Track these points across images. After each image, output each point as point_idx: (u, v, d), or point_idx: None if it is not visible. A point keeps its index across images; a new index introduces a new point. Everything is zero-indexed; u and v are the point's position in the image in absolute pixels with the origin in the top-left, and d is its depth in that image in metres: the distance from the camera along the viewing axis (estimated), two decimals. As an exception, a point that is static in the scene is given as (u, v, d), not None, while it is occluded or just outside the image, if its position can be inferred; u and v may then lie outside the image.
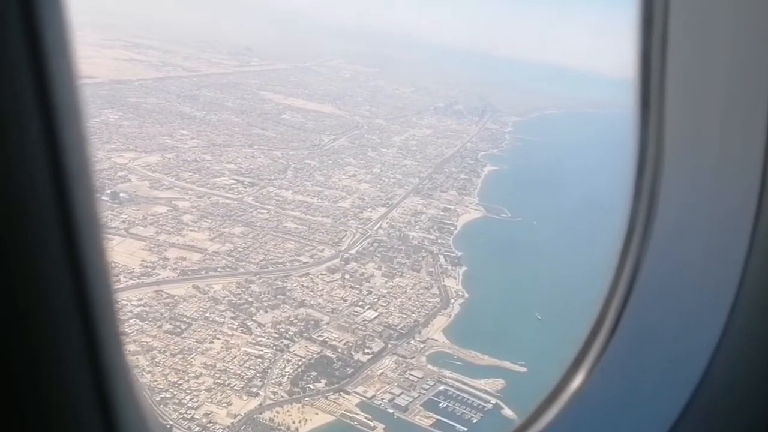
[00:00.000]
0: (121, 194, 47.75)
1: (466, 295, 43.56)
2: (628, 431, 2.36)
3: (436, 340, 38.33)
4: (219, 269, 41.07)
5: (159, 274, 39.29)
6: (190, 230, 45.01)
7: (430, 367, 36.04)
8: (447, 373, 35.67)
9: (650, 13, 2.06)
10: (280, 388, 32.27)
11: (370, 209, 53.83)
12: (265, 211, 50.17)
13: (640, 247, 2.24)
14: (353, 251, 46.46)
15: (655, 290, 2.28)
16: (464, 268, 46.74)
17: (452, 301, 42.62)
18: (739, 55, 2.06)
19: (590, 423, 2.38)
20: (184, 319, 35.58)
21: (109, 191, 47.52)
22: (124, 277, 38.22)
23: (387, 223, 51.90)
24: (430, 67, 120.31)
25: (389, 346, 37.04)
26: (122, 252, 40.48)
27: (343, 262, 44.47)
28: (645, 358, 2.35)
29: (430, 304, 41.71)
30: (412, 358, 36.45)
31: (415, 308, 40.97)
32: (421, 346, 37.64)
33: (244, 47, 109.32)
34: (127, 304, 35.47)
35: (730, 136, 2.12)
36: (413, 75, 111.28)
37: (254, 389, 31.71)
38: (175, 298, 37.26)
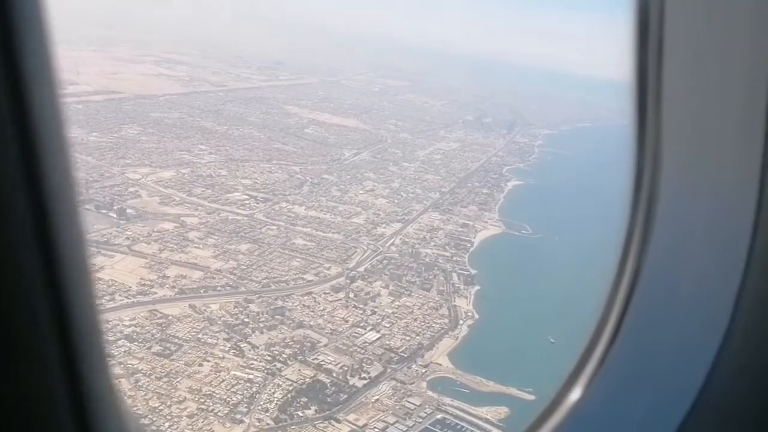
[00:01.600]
0: (129, 210, 46.92)
1: (477, 316, 41.52)
2: None
3: (440, 365, 36.36)
4: (219, 288, 39.75)
5: (156, 293, 38.09)
6: (195, 247, 43.86)
7: (429, 393, 34.05)
8: (447, 400, 33.65)
9: (646, 22, 2.08)
10: (267, 414, 30.62)
11: (384, 225, 52.18)
12: (274, 227, 48.86)
13: (638, 258, 2.24)
14: (361, 269, 44.81)
15: (653, 302, 2.28)
16: (477, 288, 44.72)
17: (461, 322, 40.62)
18: (736, 61, 2.05)
19: None
20: (175, 340, 34.25)
21: (116, 207, 46.79)
22: (120, 295, 37.14)
23: (400, 239, 50.15)
24: (464, 80, 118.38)
25: (388, 370, 35.19)
26: (122, 270, 39.50)
27: (348, 281, 42.83)
28: (643, 371, 2.33)
29: (437, 326, 39.77)
30: (411, 383, 34.52)
31: (420, 330, 39.05)
32: (423, 370, 35.70)
33: (275, 61, 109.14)
34: (117, 324, 34.33)
35: (728, 144, 2.12)
36: (445, 88, 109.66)
37: (239, 416, 30.12)
38: (169, 318, 35.99)
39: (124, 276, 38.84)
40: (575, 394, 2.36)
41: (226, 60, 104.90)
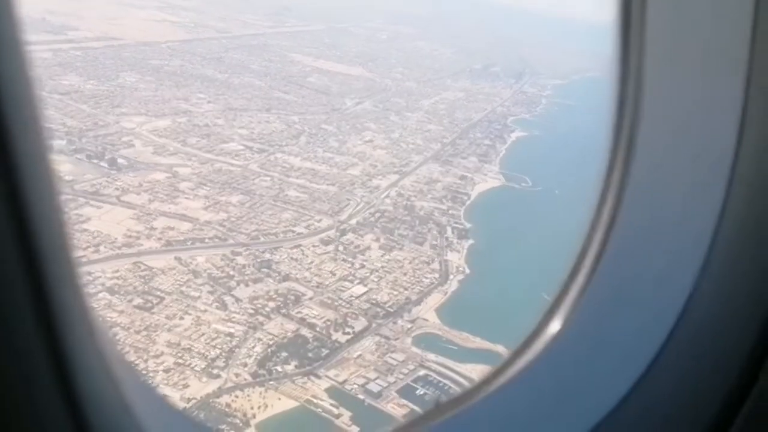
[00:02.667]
0: (120, 160, 46.31)
1: (468, 271, 40.82)
2: (606, 372, 2.34)
3: (426, 320, 35.86)
4: (206, 240, 39.30)
5: (142, 245, 37.69)
6: (186, 198, 43.30)
7: (414, 349, 33.62)
8: (431, 356, 33.20)
9: None
10: (245, 369, 30.37)
11: (380, 177, 51.29)
12: (268, 178, 48.13)
13: (619, 185, 2.23)
14: (353, 222, 44.11)
15: (633, 231, 2.29)
16: (470, 242, 43.92)
17: (451, 277, 40.00)
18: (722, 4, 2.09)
19: (567, 365, 2.36)
20: (158, 293, 33.92)
21: (107, 157, 46.20)
22: (105, 247, 36.82)
23: (396, 192, 49.29)
24: (476, 27, 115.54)
25: (373, 325, 34.76)
26: (109, 221, 39.10)
27: (338, 234, 42.18)
28: (622, 301, 2.34)
29: (427, 281, 39.18)
30: (395, 339, 34.10)
31: (409, 284, 38.48)
32: (409, 326, 35.24)
33: (283, 7, 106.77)
34: (100, 277, 34.02)
35: (711, 72, 2.12)
36: (456, 36, 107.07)
37: (216, 370, 29.90)
38: (154, 270, 35.63)
39: (110, 227, 38.44)
40: (554, 326, 2.34)
41: (232, 6, 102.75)
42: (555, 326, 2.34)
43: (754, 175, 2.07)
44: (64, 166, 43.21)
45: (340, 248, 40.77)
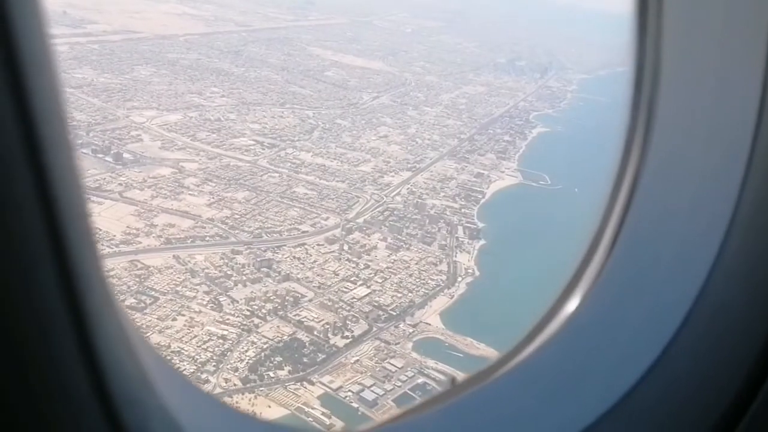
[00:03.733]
0: (126, 155, 45.48)
1: (477, 273, 39.28)
2: (620, 356, 2.31)
3: (429, 325, 34.46)
4: (207, 238, 38.26)
5: (140, 242, 36.74)
6: (190, 194, 42.32)
7: (414, 355, 32.23)
8: (432, 363, 31.79)
9: None
10: (236, 374, 29.22)
11: (392, 174, 49.87)
12: (276, 174, 46.98)
13: (636, 166, 2.25)
14: (360, 220, 42.77)
15: (651, 211, 2.30)
16: (482, 242, 42.34)
17: (459, 279, 38.51)
18: None
19: (581, 348, 2.36)
20: (152, 293, 32.93)
21: (113, 152, 45.40)
22: (102, 244, 35.80)
23: (407, 189, 47.82)
24: (504, 20, 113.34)
25: (374, 329, 33.43)
26: (109, 217, 38.20)
27: (344, 232, 40.87)
28: (639, 281, 2.33)
29: (433, 283, 37.74)
30: (396, 344, 32.74)
31: (414, 286, 37.08)
32: (411, 330, 33.85)
33: (306, 1, 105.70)
34: (94, 275, 33.03)
35: (728, 62, 2.11)
36: (482, 30, 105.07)
37: (205, 375, 28.77)
38: (150, 269, 34.66)
39: (110, 224, 37.52)
40: (571, 305, 2.34)
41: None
42: (570, 307, 2.34)
43: None
44: (68, 160, 42.53)
45: (345, 247, 39.49)
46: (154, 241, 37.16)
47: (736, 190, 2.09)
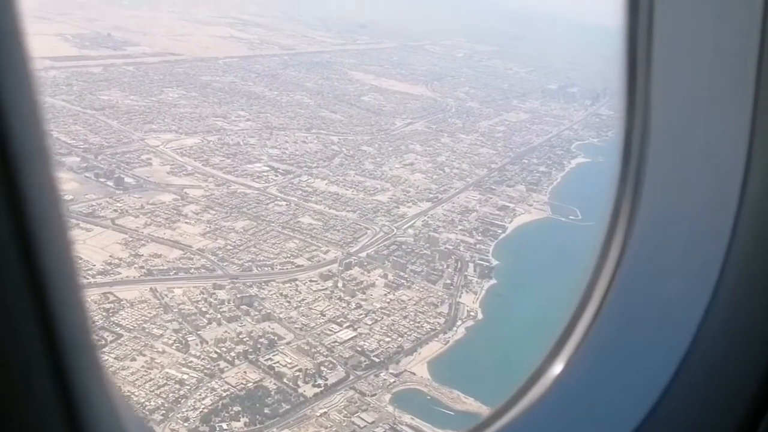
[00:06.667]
0: (128, 180, 43.91)
1: (480, 316, 35.78)
2: (610, 413, 2.32)
3: (414, 374, 31.13)
4: (192, 270, 35.95)
5: (119, 273, 34.73)
6: (186, 223, 40.28)
7: (389, 409, 28.92)
8: (407, 418, 28.42)
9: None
10: (185, 425, 26.55)
11: (410, 204, 46.85)
12: (284, 203, 44.58)
13: (625, 227, 2.27)
14: (363, 254, 39.83)
15: (639, 273, 2.30)
16: (492, 282, 38.78)
17: (459, 323, 35.09)
18: (726, 33, 2.08)
19: (569, 408, 2.35)
20: (117, 329, 30.71)
21: (115, 176, 43.88)
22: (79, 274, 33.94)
23: (422, 221, 44.66)
24: (563, 46, 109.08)
25: (351, 377, 30.33)
26: (93, 245, 36.42)
27: (342, 268, 37.97)
28: (628, 340, 2.34)
29: (428, 326, 34.44)
30: (372, 395, 29.51)
31: (406, 330, 33.86)
32: (392, 380, 30.58)
33: (358, 25, 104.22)
34: (60, 308, 31.09)
35: (716, 119, 2.14)
36: (538, 54, 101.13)
37: (150, 423, 26.17)
38: (122, 302, 32.53)
39: (92, 252, 35.71)
40: (557, 367, 2.33)
41: (307, 23, 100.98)
42: (557, 367, 2.31)
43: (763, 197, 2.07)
44: (69, 184, 41.25)
45: (340, 284, 36.58)
46: (135, 272, 35.10)
47: (721, 255, 2.09)
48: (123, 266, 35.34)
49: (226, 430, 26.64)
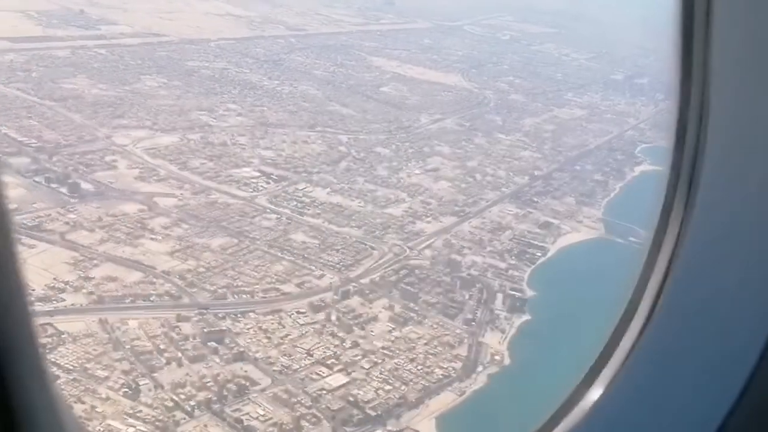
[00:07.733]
0: (85, 186, 43.53)
1: (507, 362, 34.59)
2: None
3: (416, 432, 30.03)
4: (153, 298, 35.37)
5: (63, 300, 34.19)
6: (151, 239, 39.77)
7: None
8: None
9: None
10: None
11: (428, 219, 45.93)
12: (274, 216, 43.91)
13: (672, 248, 2.39)
14: (365, 280, 38.87)
15: (686, 301, 2.37)
16: (525, 318, 37.60)
17: (480, 369, 33.98)
18: None
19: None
20: (53, 369, 29.98)
21: (70, 182, 43.51)
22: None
23: (443, 241, 43.61)
24: (628, 27, 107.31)
25: (336, 436, 29.31)
26: (36, 265, 35.98)
27: (338, 297, 37.06)
28: (668, 381, 2.38)
29: (441, 372, 33.34)
30: (363, 459, 28.47)
31: (413, 376, 32.82)
32: (387, 441, 29.52)
33: (385, 1, 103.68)
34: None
35: None
36: (601, 38, 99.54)
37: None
38: (63, 337, 31.98)
39: (34, 274, 35.13)
40: (595, 393, 2.45)
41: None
42: (595, 394, 2.47)
43: None
44: (15, 190, 40.94)
45: (333, 317, 35.69)
46: (82, 298, 34.56)
47: None
48: (68, 291, 34.96)
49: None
